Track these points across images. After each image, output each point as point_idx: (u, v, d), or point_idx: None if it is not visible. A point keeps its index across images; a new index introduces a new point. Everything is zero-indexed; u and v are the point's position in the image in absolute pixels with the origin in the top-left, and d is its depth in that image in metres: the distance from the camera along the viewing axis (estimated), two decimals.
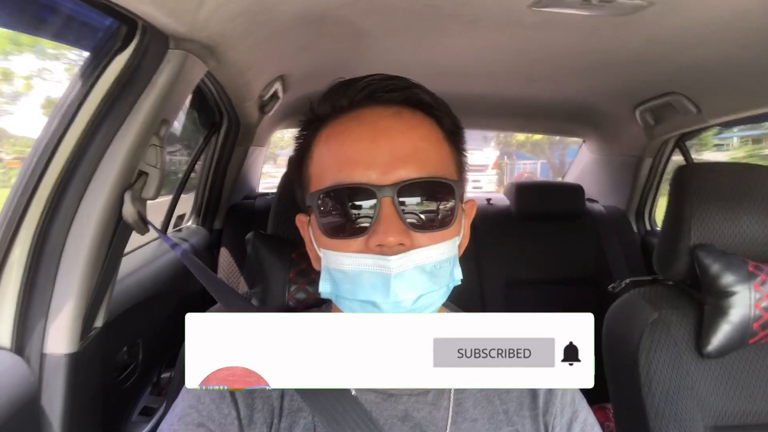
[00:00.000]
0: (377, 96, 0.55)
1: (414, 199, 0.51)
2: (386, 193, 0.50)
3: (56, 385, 0.83)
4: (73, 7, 0.81)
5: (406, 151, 0.52)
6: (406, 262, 0.50)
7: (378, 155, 0.51)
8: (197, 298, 1.65)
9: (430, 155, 0.54)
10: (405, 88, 0.56)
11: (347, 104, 0.55)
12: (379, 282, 0.50)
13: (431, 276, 0.52)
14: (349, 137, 0.54)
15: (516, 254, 1.98)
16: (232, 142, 1.92)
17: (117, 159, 0.85)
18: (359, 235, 0.51)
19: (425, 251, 0.51)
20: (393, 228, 0.50)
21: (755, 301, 0.94)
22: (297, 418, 0.57)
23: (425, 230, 0.52)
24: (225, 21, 0.89)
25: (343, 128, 0.55)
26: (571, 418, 0.61)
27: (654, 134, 1.98)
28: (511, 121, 2.56)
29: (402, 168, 0.51)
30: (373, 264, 0.50)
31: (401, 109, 0.55)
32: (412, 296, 0.51)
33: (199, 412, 0.55)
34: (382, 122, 0.54)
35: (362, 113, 0.55)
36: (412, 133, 0.54)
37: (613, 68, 1.44)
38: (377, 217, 0.50)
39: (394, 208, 0.50)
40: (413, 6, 1.03)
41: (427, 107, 0.57)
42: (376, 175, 0.51)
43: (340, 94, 0.56)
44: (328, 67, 1.50)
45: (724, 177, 1.04)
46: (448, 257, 0.54)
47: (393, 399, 0.58)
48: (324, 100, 0.57)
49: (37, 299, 0.83)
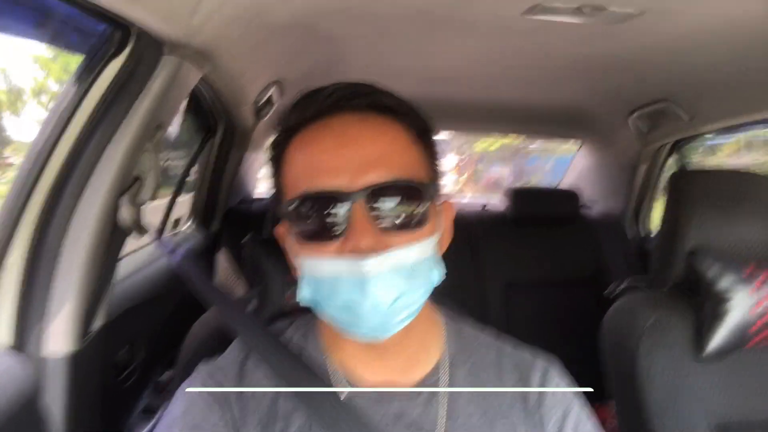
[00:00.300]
0: (343, 103, 0.55)
1: (385, 203, 0.52)
2: (357, 198, 0.51)
3: (56, 384, 0.83)
4: (67, 12, 0.81)
5: (375, 155, 0.53)
6: (381, 263, 0.51)
7: (347, 161, 0.52)
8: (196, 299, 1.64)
9: (398, 158, 0.54)
10: (369, 93, 0.56)
11: (315, 113, 0.56)
12: (356, 285, 0.51)
13: (408, 277, 0.53)
14: (318, 145, 0.54)
15: (513, 258, 1.99)
16: (228, 147, 1.92)
17: (112, 164, 0.85)
18: (333, 241, 0.52)
19: (399, 252, 0.52)
20: (366, 232, 0.50)
21: (752, 306, 0.94)
22: (290, 422, 0.57)
23: (398, 232, 0.52)
24: (219, 27, 0.89)
25: (312, 136, 0.55)
26: (565, 410, 0.61)
27: (648, 141, 1.99)
28: (506, 125, 2.57)
29: (371, 172, 0.51)
30: (349, 268, 0.51)
31: (368, 114, 0.56)
32: (389, 298, 0.52)
33: (193, 416, 0.55)
34: (349, 129, 0.54)
35: (330, 121, 0.55)
36: (380, 137, 0.54)
37: (605, 75, 1.46)
38: (349, 222, 0.51)
39: (366, 212, 0.51)
40: (407, 12, 1.03)
41: (393, 111, 0.57)
42: (346, 182, 0.51)
43: (307, 103, 0.56)
44: (323, 72, 1.50)
45: (719, 182, 1.05)
46: (424, 257, 0.55)
47: (387, 399, 0.59)
48: (293, 110, 0.58)
49: (36, 299, 0.83)
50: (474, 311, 1.98)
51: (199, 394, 0.57)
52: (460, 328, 0.68)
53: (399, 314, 0.54)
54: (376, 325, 0.53)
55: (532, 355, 0.66)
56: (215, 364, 0.61)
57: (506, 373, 0.63)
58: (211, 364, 0.62)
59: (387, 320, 0.53)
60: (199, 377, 0.60)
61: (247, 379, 0.60)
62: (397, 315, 0.54)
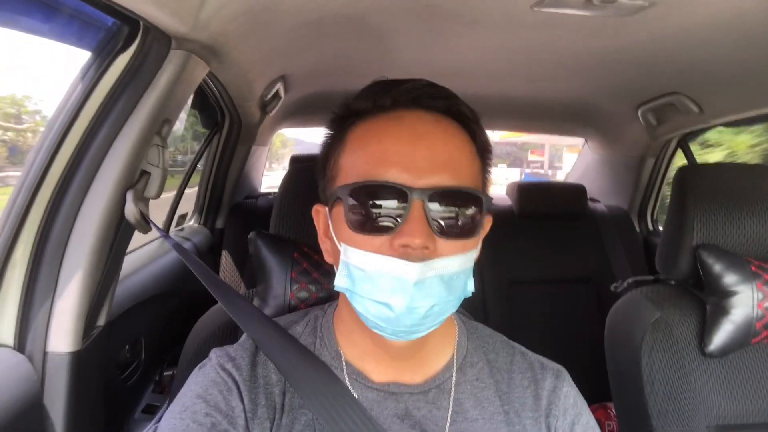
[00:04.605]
0: (421, 101, 0.56)
1: (443, 206, 0.52)
2: (418, 195, 0.50)
3: (59, 383, 0.83)
4: (76, 7, 0.81)
5: (443, 158, 0.53)
6: (428, 270, 0.50)
7: (415, 158, 0.52)
8: (200, 297, 1.65)
9: (463, 166, 0.55)
10: (448, 97, 0.57)
11: (390, 103, 0.56)
12: (399, 286, 0.50)
13: (448, 286, 0.53)
14: (388, 136, 0.54)
15: (518, 254, 1.98)
16: (234, 142, 1.92)
17: (119, 158, 0.86)
18: (384, 234, 0.52)
19: (446, 261, 0.52)
20: (420, 231, 0.50)
21: (758, 301, 0.94)
22: (298, 415, 0.57)
23: (449, 238, 0.52)
24: (227, 21, 0.89)
25: (382, 126, 0.55)
26: (574, 420, 0.61)
27: (656, 134, 1.98)
28: (513, 121, 2.55)
29: (437, 174, 0.52)
30: (396, 267, 0.50)
31: (441, 117, 0.56)
32: (427, 304, 0.51)
33: (207, 403, 0.55)
34: (422, 126, 0.54)
35: (403, 115, 0.55)
36: (450, 141, 0.55)
37: (615, 68, 1.44)
38: (406, 218, 0.51)
39: (424, 211, 0.51)
40: (414, 6, 1.03)
41: (466, 120, 0.58)
42: (411, 178, 0.51)
43: (383, 92, 0.57)
44: (330, 67, 1.50)
45: (726, 177, 1.04)
46: (465, 269, 0.55)
47: (394, 397, 0.59)
48: (364, 97, 0.58)
49: (39, 297, 0.83)
50: (477, 308, 1.97)
51: (218, 376, 0.57)
52: (472, 329, 0.68)
53: (431, 321, 0.54)
54: (407, 327, 0.53)
55: (543, 360, 0.66)
56: (228, 354, 0.61)
57: (518, 376, 0.63)
58: (225, 352, 0.62)
59: (419, 324, 0.53)
60: (214, 360, 0.60)
61: (259, 369, 0.60)
62: (429, 321, 0.54)
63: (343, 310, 0.62)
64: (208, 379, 0.57)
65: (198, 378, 0.58)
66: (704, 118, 1.65)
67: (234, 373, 0.58)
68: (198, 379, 0.58)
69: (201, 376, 0.58)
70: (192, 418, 0.53)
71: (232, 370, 0.58)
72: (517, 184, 2.09)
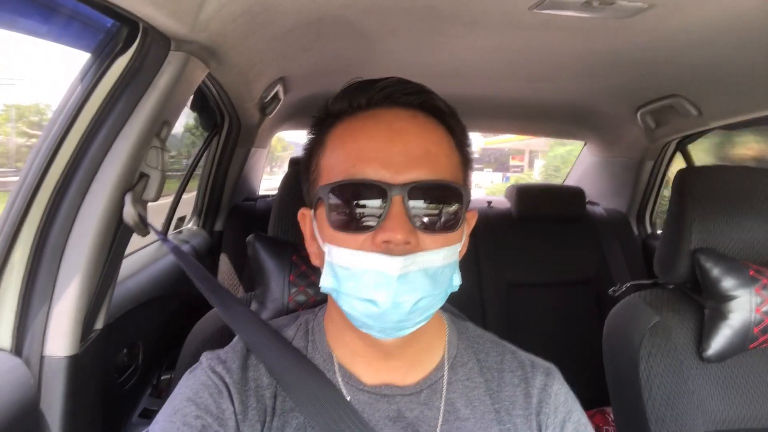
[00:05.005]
0: (395, 98, 0.56)
1: (422, 201, 0.52)
2: (397, 191, 0.51)
3: (56, 387, 0.83)
4: (74, 8, 0.81)
5: (420, 153, 0.53)
6: (411, 264, 0.51)
7: (392, 155, 0.52)
8: (198, 300, 1.63)
9: (441, 160, 0.55)
10: (422, 92, 0.58)
11: (365, 103, 0.57)
12: (382, 281, 0.51)
13: (433, 280, 0.53)
14: (365, 134, 0.55)
15: (517, 257, 1.98)
16: (233, 144, 1.92)
17: (118, 160, 0.85)
18: (366, 231, 0.52)
19: (430, 255, 0.52)
20: (401, 226, 0.50)
21: (756, 306, 0.94)
22: (289, 418, 0.57)
23: (431, 232, 0.53)
24: (226, 22, 0.89)
25: (359, 125, 0.56)
26: (565, 418, 0.61)
27: (655, 137, 1.98)
28: (512, 122, 2.56)
29: (415, 169, 0.52)
30: (378, 263, 0.51)
31: (417, 112, 0.57)
32: (412, 298, 0.52)
33: (197, 405, 0.55)
34: (398, 123, 0.55)
35: (379, 113, 0.56)
36: (426, 136, 0.55)
37: (613, 70, 1.44)
38: (386, 214, 0.51)
39: (404, 207, 0.51)
40: (413, 7, 1.03)
41: (441, 114, 0.58)
42: (389, 174, 0.52)
43: (358, 92, 0.57)
44: (329, 68, 1.50)
45: (725, 180, 1.03)
46: (450, 262, 0.55)
47: (386, 399, 0.59)
48: (341, 98, 0.58)
49: (37, 301, 0.83)
50: (475, 310, 1.97)
51: (208, 379, 0.57)
52: (462, 328, 0.68)
53: (418, 316, 0.54)
54: (394, 323, 0.53)
55: (534, 359, 0.66)
56: (219, 357, 0.61)
57: (508, 375, 0.63)
58: (216, 355, 0.61)
59: (405, 320, 0.53)
60: (204, 363, 0.60)
61: (250, 372, 0.60)
62: (416, 316, 0.54)
63: (332, 311, 0.62)
64: (198, 382, 0.57)
65: (189, 381, 0.58)
66: (703, 120, 1.65)
67: (224, 375, 0.58)
68: (189, 382, 0.58)
69: (192, 379, 0.58)
70: (183, 420, 0.53)
71: (223, 373, 0.58)
72: (516, 187, 2.09)
